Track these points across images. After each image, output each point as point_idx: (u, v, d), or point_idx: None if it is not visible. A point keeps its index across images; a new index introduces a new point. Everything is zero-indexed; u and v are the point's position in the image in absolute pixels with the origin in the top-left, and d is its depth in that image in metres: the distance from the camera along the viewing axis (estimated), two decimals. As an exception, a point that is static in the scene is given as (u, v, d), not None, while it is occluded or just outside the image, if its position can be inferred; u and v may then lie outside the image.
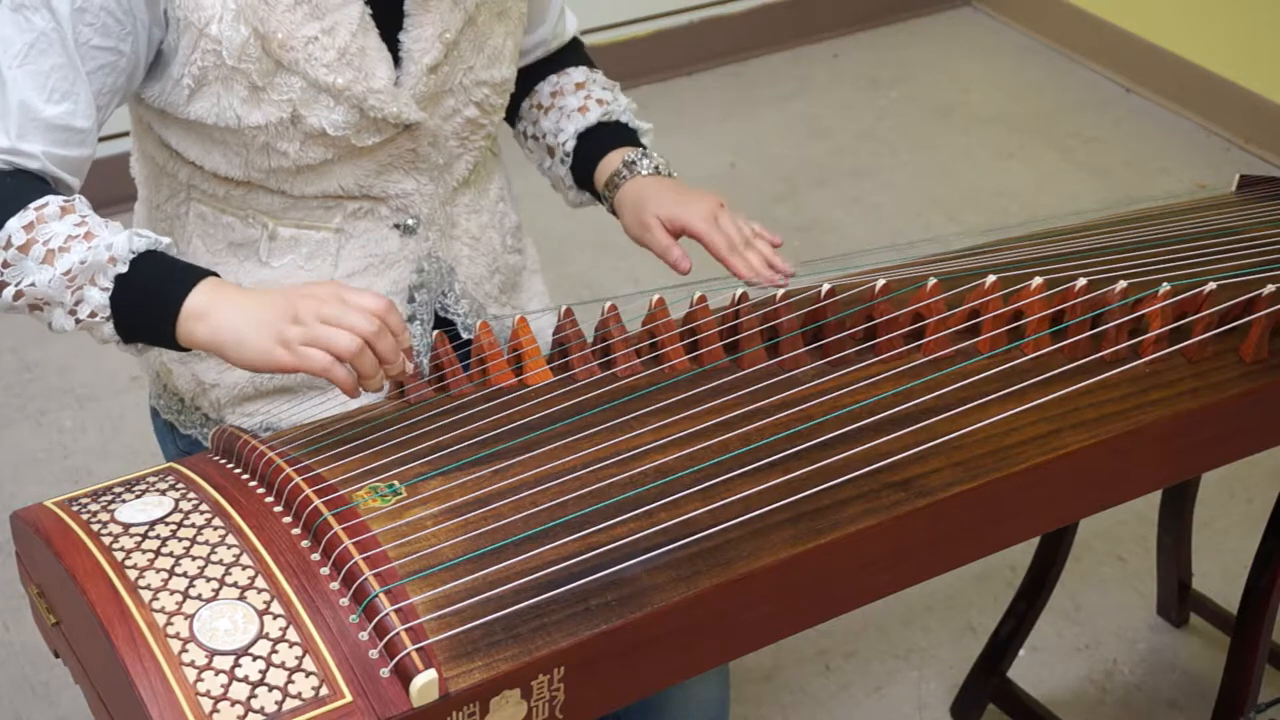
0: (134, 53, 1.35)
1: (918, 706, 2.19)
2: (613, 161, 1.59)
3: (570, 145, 1.62)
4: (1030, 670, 2.23)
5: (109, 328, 1.28)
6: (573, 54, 1.70)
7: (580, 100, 1.63)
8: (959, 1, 4.20)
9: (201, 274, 1.28)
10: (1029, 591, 2.06)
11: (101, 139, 1.42)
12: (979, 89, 3.82)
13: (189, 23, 1.34)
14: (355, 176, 1.46)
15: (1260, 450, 1.54)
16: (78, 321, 1.28)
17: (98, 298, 1.27)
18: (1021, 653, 2.17)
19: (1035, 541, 2.05)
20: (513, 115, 1.69)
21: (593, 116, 1.62)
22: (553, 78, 1.66)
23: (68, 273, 1.26)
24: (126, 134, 1.53)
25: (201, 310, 1.25)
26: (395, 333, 1.25)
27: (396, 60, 1.43)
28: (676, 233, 1.53)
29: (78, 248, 1.26)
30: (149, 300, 1.27)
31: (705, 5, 3.82)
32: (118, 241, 1.27)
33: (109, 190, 2.12)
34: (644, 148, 1.61)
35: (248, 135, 1.39)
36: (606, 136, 1.61)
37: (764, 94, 3.76)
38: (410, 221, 1.50)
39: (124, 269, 1.27)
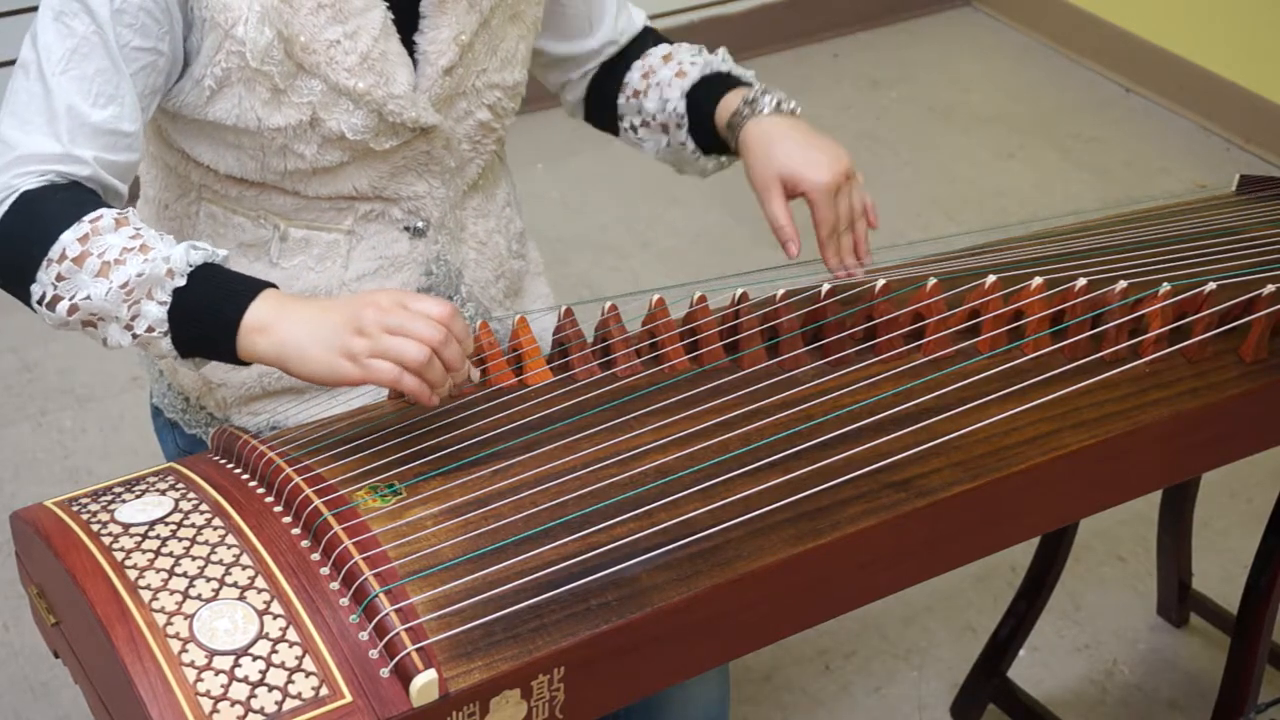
0: (172, 51, 1.35)
1: (918, 706, 2.19)
2: (731, 103, 1.54)
3: (682, 107, 1.58)
4: (1030, 670, 2.23)
5: (166, 342, 1.26)
6: (648, 40, 1.67)
7: (674, 69, 1.61)
8: (959, 1, 4.20)
9: (260, 285, 1.25)
10: (1029, 591, 2.06)
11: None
12: (979, 89, 3.82)
13: (215, 23, 1.34)
14: (369, 179, 1.46)
15: (1260, 450, 1.54)
16: (134, 336, 1.25)
17: (155, 311, 1.24)
18: (1021, 653, 2.16)
19: (1035, 541, 2.05)
20: (611, 118, 1.67)
21: (694, 74, 1.59)
22: (637, 64, 1.64)
23: (124, 285, 1.23)
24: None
25: (263, 323, 1.22)
26: (459, 339, 1.22)
27: (414, 63, 1.43)
28: (794, 194, 1.49)
29: (134, 260, 1.24)
30: (208, 314, 1.24)
31: (705, 5, 3.82)
32: (175, 254, 1.24)
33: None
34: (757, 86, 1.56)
35: (266, 137, 1.39)
36: (714, 87, 1.57)
37: (764, 94, 3.76)
38: (420, 224, 1.50)
39: (182, 282, 1.24)
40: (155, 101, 1.37)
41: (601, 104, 1.67)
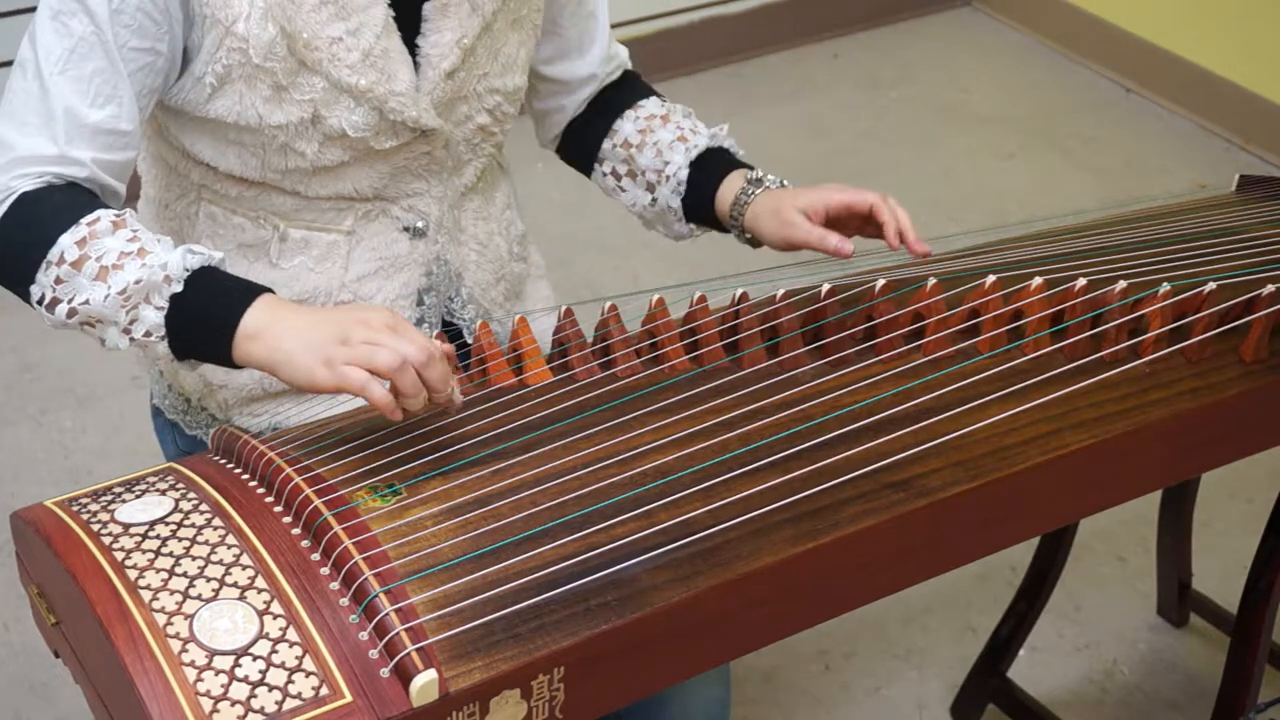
0: (171, 51, 1.35)
1: (918, 706, 2.19)
2: (734, 183, 1.55)
3: (684, 174, 1.58)
4: (1030, 670, 2.23)
5: (164, 346, 1.27)
6: (636, 86, 1.67)
7: (674, 132, 1.61)
8: (959, 1, 4.20)
9: (257, 290, 1.26)
10: (1029, 591, 2.06)
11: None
12: (979, 89, 3.82)
13: (215, 20, 1.34)
14: (370, 179, 1.46)
15: (1260, 450, 1.54)
16: (132, 340, 1.27)
17: (153, 317, 1.25)
18: (1021, 653, 2.16)
19: (1035, 541, 2.05)
20: (588, 159, 1.67)
21: (700, 143, 1.59)
22: (630, 114, 1.64)
23: (123, 292, 1.25)
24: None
25: (257, 329, 1.23)
26: (440, 368, 1.22)
27: (415, 66, 1.43)
28: (821, 218, 1.49)
29: (131, 265, 1.25)
30: (204, 320, 1.25)
31: (705, 5, 3.82)
32: (172, 260, 1.25)
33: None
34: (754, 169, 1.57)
35: (267, 135, 1.39)
36: (717, 163, 1.59)
37: (764, 94, 3.76)
38: (420, 224, 1.50)
39: (179, 288, 1.25)
40: (153, 100, 1.37)
41: (582, 143, 1.66)
